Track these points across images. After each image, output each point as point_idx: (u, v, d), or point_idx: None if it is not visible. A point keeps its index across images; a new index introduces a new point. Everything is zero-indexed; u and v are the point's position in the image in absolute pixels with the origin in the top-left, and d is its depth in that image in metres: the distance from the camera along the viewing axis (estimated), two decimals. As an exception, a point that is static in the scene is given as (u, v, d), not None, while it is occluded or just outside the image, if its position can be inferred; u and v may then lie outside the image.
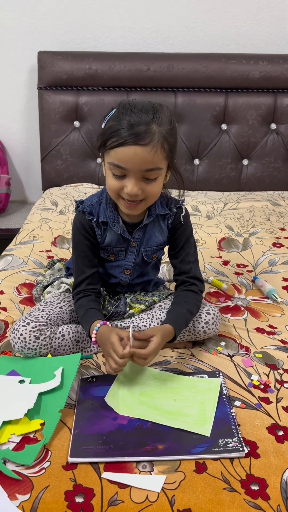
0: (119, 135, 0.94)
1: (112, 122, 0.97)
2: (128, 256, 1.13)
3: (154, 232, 1.13)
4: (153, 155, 0.95)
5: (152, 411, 0.92)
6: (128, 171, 0.97)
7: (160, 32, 2.19)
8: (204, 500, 0.76)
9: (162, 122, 0.96)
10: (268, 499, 0.76)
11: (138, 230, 1.11)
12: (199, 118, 2.16)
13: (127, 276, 1.16)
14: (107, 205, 1.09)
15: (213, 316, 1.12)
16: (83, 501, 0.75)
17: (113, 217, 1.09)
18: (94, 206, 1.10)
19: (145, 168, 0.97)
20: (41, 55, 2.10)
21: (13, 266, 1.49)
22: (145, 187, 0.99)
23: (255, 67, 2.11)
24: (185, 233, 1.14)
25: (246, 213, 1.97)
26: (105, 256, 1.13)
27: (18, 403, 0.92)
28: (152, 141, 0.94)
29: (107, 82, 2.11)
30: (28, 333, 1.02)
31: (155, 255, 1.16)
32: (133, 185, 0.97)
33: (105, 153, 0.99)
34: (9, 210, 2.32)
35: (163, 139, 0.96)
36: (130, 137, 0.93)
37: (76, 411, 0.93)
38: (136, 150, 0.94)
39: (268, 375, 1.04)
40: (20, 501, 0.75)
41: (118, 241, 1.11)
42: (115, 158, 0.97)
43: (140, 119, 0.94)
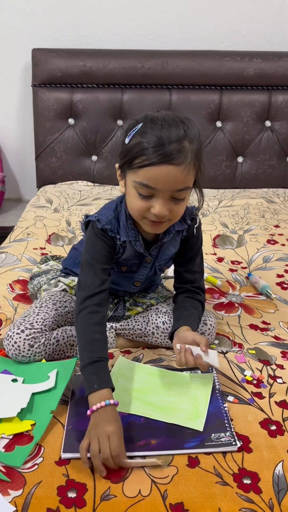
0: (150, 154, 0.87)
1: (140, 138, 0.89)
2: (141, 270, 1.10)
3: (168, 246, 1.09)
4: (186, 175, 0.89)
5: (145, 407, 0.93)
6: (158, 192, 0.90)
7: (155, 30, 2.18)
8: (196, 494, 0.76)
9: (194, 139, 0.90)
10: (260, 492, 0.77)
11: (156, 247, 1.07)
12: (193, 116, 2.10)
13: (137, 288, 1.15)
14: (128, 222, 1.02)
15: (209, 327, 1.12)
16: (76, 496, 0.75)
17: (134, 235, 1.03)
18: (112, 222, 1.02)
19: (176, 189, 0.90)
20: (35, 53, 2.10)
21: (7, 264, 1.49)
22: (173, 208, 0.93)
23: (249, 64, 2.11)
24: (196, 244, 1.12)
25: (241, 210, 1.98)
26: (117, 268, 1.09)
27: (11, 401, 0.91)
28: (185, 160, 0.88)
29: (102, 79, 2.11)
30: (22, 341, 1.01)
31: (165, 266, 1.14)
32: (161, 206, 0.91)
33: (131, 171, 0.92)
34: (4, 208, 2.31)
35: (195, 157, 0.90)
36: (163, 157, 0.86)
37: (69, 407, 0.93)
38: (169, 170, 0.87)
39: (261, 370, 1.05)
40: (13, 497, 0.75)
41: (135, 256, 1.07)
42: (144, 178, 0.89)
43: (171, 135, 0.87)
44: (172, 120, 0.89)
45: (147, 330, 1.13)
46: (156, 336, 1.13)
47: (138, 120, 0.92)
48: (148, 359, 1.08)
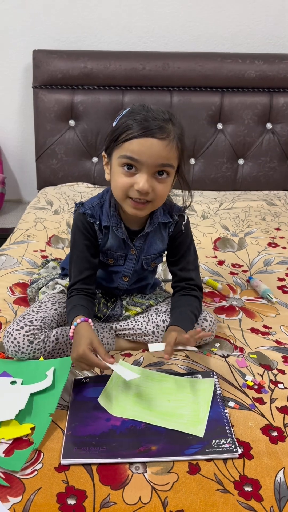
0: (134, 128, 0.93)
1: (126, 118, 0.96)
2: (127, 263, 1.12)
3: (155, 240, 1.11)
4: (169, 151, 0.94)
5: (146, 412, 0.92)
6: (141, 165, 0.94)
7: (156, 31, 2.18)
8: (197, 501, 0.75)
9: (177, 124, 0.97)
10: (261, 500, 0.76)
11: (139, 238, 1.09)
12: (194, 118, 2.16)
13: (125, 283, 1.15)
14: (111, 208, 1.06)
15: (209, 323, 1.12)
16: (75, 503, 0.75)
17: (116, 221, 1.06)
18: (95, 208, 1.07)
19: (159, 163, 0.94)
20: (36, 54, 2.09)
21: (7, 266, 1.49)
22: (156, 186, 0.96)
23: (250, 66, 2.11)
24: (186, 241, 1.13)
25: (242, 213, 1.97)
26: (104, 260, 1.12)
27: (9, 404, 0.91)
28: (168, 136, 0.94)
29: (103, 81, 2.11)
30: (21, 338, 1.01)
31: (154, 262, 1.14)
32: (145, 180, 0.94)
33: (116, 148, 0.96)
34: (4, 210, 2.31)
35: (178, 138, 0.96)
36: (147, 130, 0.92)
37: (69, 412, 0.92)
38: (152, 142, 0.92)
39: (263, 375, 1.04)
40: (12, 504, 0.75)
41: (119, 246, 1.09)
42: (128, 150, 0.94)
43: (156, 116, 0.94)
44: (158, 108, 0.97)
45: (147, 329, 1.13)
46: (156, 335, 1.12)
47: (126, 107, 1.00)
48: (148, 363, 1.08)
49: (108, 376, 1.01)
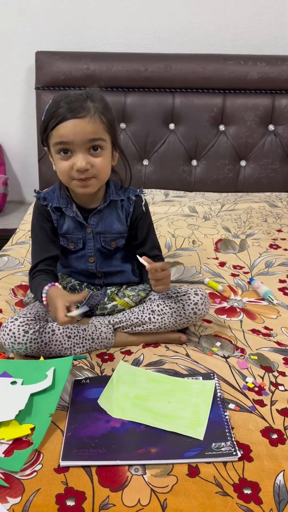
0: (57, 115, 1.00)
1: (49, 110, 1.03)
2: (87, 244, 1.16)
3: (112, 220, 1.15)
4: (92, 125, 1.00)
5: (146, 414, 0.92)
6: (73, 145, 1.01)
7: (158, 33, 2.18)
8: (196, 504, 0.75)
9: (95, 99, 1.03)
10: (260, 503, 0.76)
11: (93, 215, 1.14)
12: (196, 119, 2.15)
13: (93, 264, 1.18)
14: (61, 191, 1.14)
15: (201, 297, 1.13)
16: (74, 505, 0.75)
17: (66, 202, 1.13)
18: (49, 193, 1.15)
19: (88, 138, 1.01)
20: (39, 55, 2.10)
21: (9, 267, 1.49)
22: (93, 161, 1.03)
23: (253, 68, 2.10)
24: (147, 221, 1.18)
25: (243, 214, 1.97)
26: (65, 245, 1.17)
27: (9, 404, 0.91)
28: (88, 113, 1.00)
29: (105, 82, 2.11)
30: (16, 328, 1.03)
31: (114, 243, 1.17)
32: (81, 159, 1.01)
33: (48, 139, 1.04)
34: (6, 210, 2.31)
35: (99, 112, 1.02)
36: (67, 112, 0.99)
37: (68, 414, 0.92)
38: (75, 122, 0.99)
39: (263, 377, 1.04)
40: (11, 504, 0.75)
41: (76, 228, 1.15)
42: (57, 136, 1.01)
43: (74, 98, 1.01)
44: (76, 92, 1.04)
45: (143, 317, 1.14)
46: (153, 321, 1.13)
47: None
48: (148, 361, 1.08)
49: (109, 377, 1.01)
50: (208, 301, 1.15)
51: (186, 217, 1.93)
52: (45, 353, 1.06)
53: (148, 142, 2.17)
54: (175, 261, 1.55)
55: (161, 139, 2.18)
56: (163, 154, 2.19)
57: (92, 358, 1.10)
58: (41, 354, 1.06)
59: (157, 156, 2.18)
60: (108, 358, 1.10)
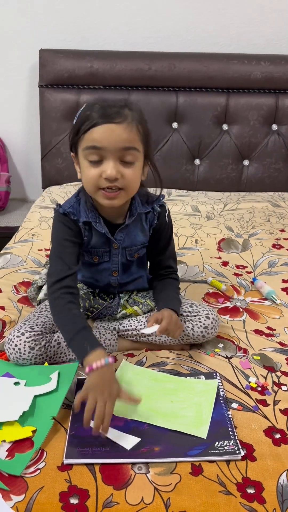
0: (93, 118, 0.95)
1: (83, 112, 0.98)
2: (112, 258, 1.12)
3: (137, 232, 1.11)
4: (128, 133, 0.95)
5: (149, 413, 0.92)
6: (105, 152, 0.95)
7: (162, 32, 2.18)
8: (199, 503, 0.75)
9: (134, 108, 0.98)
10: (264, 502, 0.76)
11: (120, 231, 1.09)
12: (200, 118, 2.15)
13: (116, 278, 1.15)
14: (87, 204, 1.06)
15: (212, 321, 1.11)
16: (78, 503, 0.75)
17: (94, 216, 1.06)
18: (74, 206, 1.07)
19: (122, 146, 0.95)
20: (43, 53, 2.10)
21: (12, 265, 1.49)
22: (124, 172, 0.97)
23: (256, 67, 2.10)
24: (168, 231, 1.16)
25: (246, 214, 1.97)
26: (89, 259, 1.12)
27: (13, 405, 0.91)
28: (126, 120, 0.95)
29: (109, 81, 2.11)
30: (22, 344, 1.01)
31: (137, 254, 1.15)
32: (111, 167, 0.95)
33: (79, 142, 0.98)
34: (9, 208, 2.32)
35: (137, 121, 0.97)
36: (104, 117, 0.94)
37: (72, 412, 0.92)
38: (111, 127, 0.94)
39: (266, 377, 1.04)
40: (15, 502, 0.75)
41: (103, 243, 1.09)
42: (89, 140, 0.96)
43: (112, 104, 0.96)
44: (114, 99, 1.00)
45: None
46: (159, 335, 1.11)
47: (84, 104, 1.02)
48: (151, 362, 1.08)
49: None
50: (218, 324, 1.13)
51: (189, 216, 1.93)
52: (50, 362, 1.05)
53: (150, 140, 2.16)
54: (178, 260, 1.55)
55: (164, 138, 2.18)
56: (166, 153, 2.19)
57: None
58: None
59: (160, 155, 2.18)
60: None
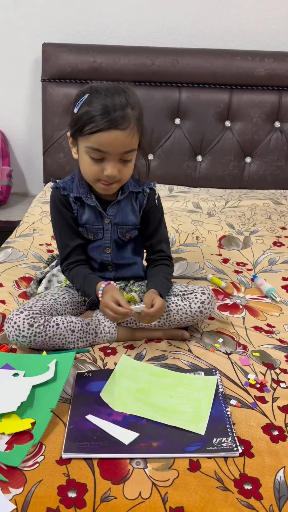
0: (98, 121, 0.99)
1: (87, 107, 1.01)
2: (105, 235, 1.17)
3: (128, 211, 1.17)
4: (131, 138, 1.03)
5: (147, 408, 0.92)
6: (108, 154, 1.03)
7: (166, 27, 2.17)
8: (197, 498, 0.76)
9: (135, 105, 1.03)
10: (261, 498, 0.76)
11: (112, 206, 1.15)
12: (203, 114, 2.15)
13: (108, 255, 1.19)
14: (79, 182, 1.14)
15: (208, 296, 1.14)
16: (76, 496, 0.75)
17: (85, 192, 1.14)
18: (68, 183, 1.16)
19: (123, 151, 1.03)
20: (46, 47, 2.09)
21: (13, 259, 1.49)
22: (122, 169, 1.06)
23: (260, 64, 2.10)
24: (158, 214, 1.20)
25: (248, 211, 1.97)
26: (85, 235, 1.18)
27: (11, 396, 0.91)
28: (129, 125, 1.01)
29: (111, 75, 2.10)
30: (21, 321, 1.03)
31: (128, 234, 1.19)
32: (112, 167, 1.04)
33: (82, 138, 1.04)
34: (10, 202, 2.31)
35: (137, 122, 1.03)
36: (110, 123, 0.99)
37: (71, 406, 0.92)
38: (116, 134, 1.00)
39: (265, 374, 1.04)
40: (13, 495, 0.75)
41: (96, 219, 1.16)
42: (95, 143, 1.02)
43: (115, 103, 1.00)
44: (115, 90, 1.02)
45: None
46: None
47: (84, 91, 1.05)
48: (151, 356, 1.08)
49: (111, 370, 1.02)
50: (214, 300, 1.16)
51: (190, 213, 1.93)
52: (48, 346, 1.07)
53: (153, 136, 2.16)
54: (179, 256, 1.55)
55: (167, 134, 2.17)
56: (168, 149, 2.18)
57: (95, 352, 1.10)
58: (44, 347, 1.06)
59: (162, 151, 2.18)
60: (110, 352, 1.10)
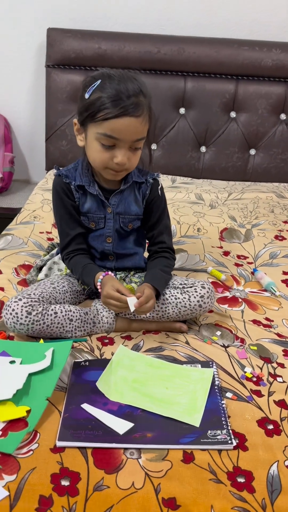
0: (112, 107, 0.98)
1: (100, 93, 1.00)
2: (107, 224, 1.17)
3: (130, 201, 1.17)
4: (143, 125, 1.02)
5: (143, 398, 0.92)
6: (119, 141, 1.02)
7: (173, 14, 2.14)
8: (190, 489, 0.76)
9: (147, 93, 1.03)
10: (253, 492, 0.76)
11: (114, 195, 1.15)
12: (208, 105, 2.13)
13: (109, 245, 1.19)
14: (83, 170, 1.14)
15: (208, 290, 1.13)
16: (69, 485, 0.76)
17: (88, 181, 1.14)
18: (71, 171, 1.15)
19: (135, 138, 1.03)
20: (50, 32, 2.07)
21: (13, 246, 1.49)
22: (131, 156, 1.05)
23: (267, 54, 2.07)
24: (161, 205, 1.20)
25: (250, 204, 1.95)
26: (87, 224, 1.17)
27: (7, 383, 0.91)
28: (142, 112, 1.01)
29: (116, 62, 2.07)
30: (20, 308, 1.03)
31: (131, 224, 1.18)
32: (123, 155, 1.03)
33: (93, 124, 1.02)
34: (12, 189, 2.30)
35: (148, 109, 1.03)
36: (124, 110, 0.98)
37: (67, 395, 0.92)
38: (130, 121, 0.99)
39: (262, 368, 1.04)
40: (6, 481, 0.75)
41: (98, 208, 1.15)
42: (108, 129, 1.00)
43: (128, 89, 0.99)
44: (127, 76, 1.02)
45: None
46: (157, 309, 1.13)
47: (95, 77, 1.03)
48: (148, 347, 1.08)
49: (108, 360, 1.01)
50: (214, 295, 1.15)
51: (192, 204, 1.91)
52: (46, 335, 1.06)
53: (157, 126, 2.14)
54: (179, 248, 1.55)
55: (171, 124, 2.15)
56: (172, 139, 2.16)
57: (92, 341, 1.10)
58: (42, 335, 1.06)
59: (165, 141, 2.16)
60: (108, 342, 1.10)
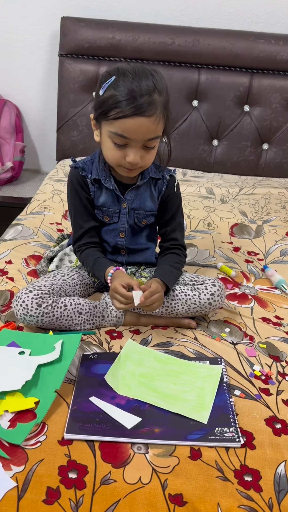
0: (124, 106, 0.96)
1: (113, 90, 0.98)
2: (121, 219, 1.16)
3: (146, 197, 1.16)
4: (156, 125, 1.00)
5: (151, 393, 0.92)
6: (131, 141, 1.00)
7: (188, 5, 2.11)
8: (196, 486, 0.76)
9: (162, 91, 0.99)
10: (260, 491, 0.76)
11: (130, 191, 1.14)
12: (221, 98, 2.10)
13: (122, 240, 1.18)
14: (100, 164, 1.12)
15: (218, 288, 1.13)
16: (76, 477, 0.76)
17: (105, 175, 1.13)
18: (87, 163, 1.14)
19: (148, 138, 1.00)
20: (64, 21, 2.05)
21: (23, 237, 1.49)
22: (144, 155, 1.03)
23: (284, 48, 2.03)
24: (176, 202, 1.19)
25: (262, 200, 1.94)
26: (100, 218, 1.17)
27: (16, 374, 0.91)
28: (155, 112, 0.98)
29: (130, 53, 2.05)
30: (30, 300, 1.03)
31: (145, 220, 1.18)
32: (135, 154, 1.02)
33: (106, 122, 1.01)
34: (22, 179, 2.30)
35: (164, 108, 1.00)
36: (136, 109, 0.96)
37: (75, 388, 0.93)
38: (141, 121, 0.97)
39: (271, 366, 1.03)
40: (14, 472, 0.76)
41: (113, 202, 1.14)
42: (119, 129, 0.99)
43: (142, 87, 0.96)
44: (142, 72, 0.98)
45: None
46: (166, 305, 1.13)
47: (110, 72, 1.00)
48: (157, 342, 1.08)
49: (116, 354, 1.01)
50: (224, 293, 1.15)
51: (203, 199, 1.90)
52: (55, 327, 1.07)
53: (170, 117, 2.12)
54: (189, 242, 1.54)
55: (183, 116, 2.13)
56: (184, 131, 2.15)
57: (101, 334, 1.10)
58: (51, 327, 1.06)
59: (177, 133, 2.14)
60: (116, 335, 1.10)
